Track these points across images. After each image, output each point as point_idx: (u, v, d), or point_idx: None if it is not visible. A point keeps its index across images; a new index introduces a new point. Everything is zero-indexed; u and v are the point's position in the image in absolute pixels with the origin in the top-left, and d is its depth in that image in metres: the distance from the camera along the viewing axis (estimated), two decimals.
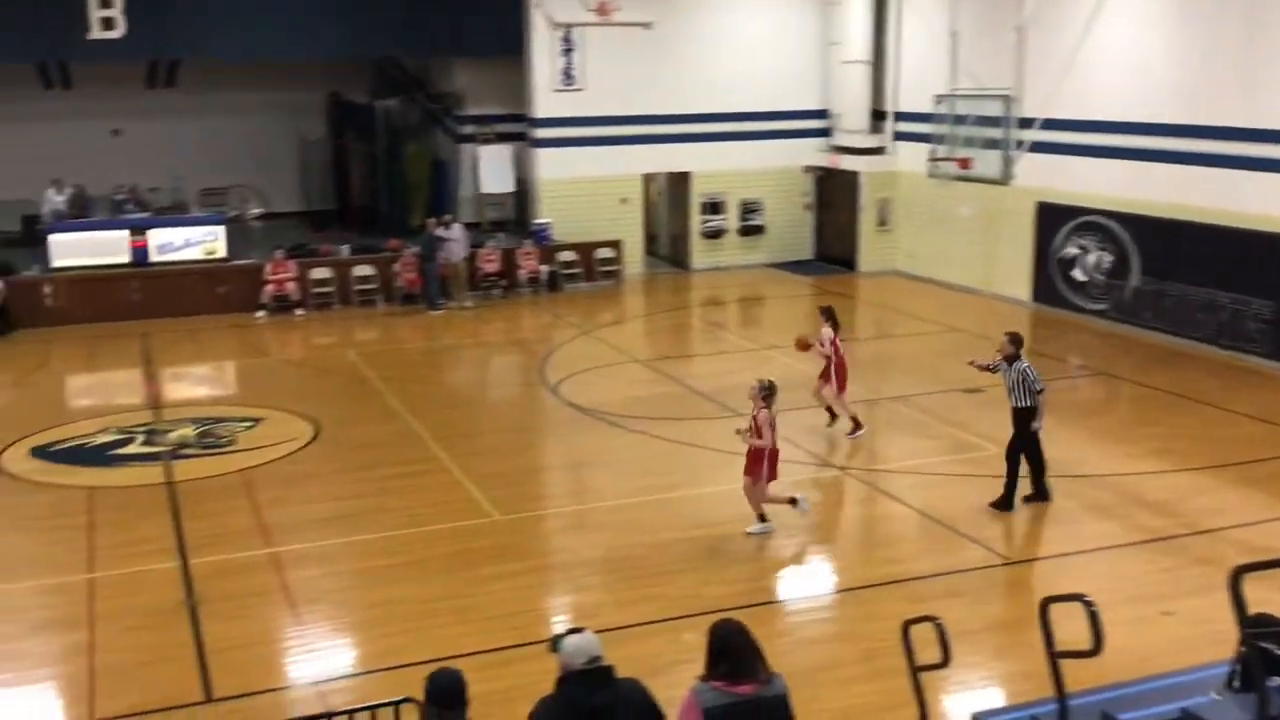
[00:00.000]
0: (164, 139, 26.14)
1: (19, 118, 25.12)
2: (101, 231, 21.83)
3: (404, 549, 10.89)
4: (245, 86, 26.25)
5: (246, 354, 19.31)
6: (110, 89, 25.59)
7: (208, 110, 26.44)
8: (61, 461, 13.57)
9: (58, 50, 22.72)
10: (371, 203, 25.95)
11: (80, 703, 8.27)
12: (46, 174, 23.62)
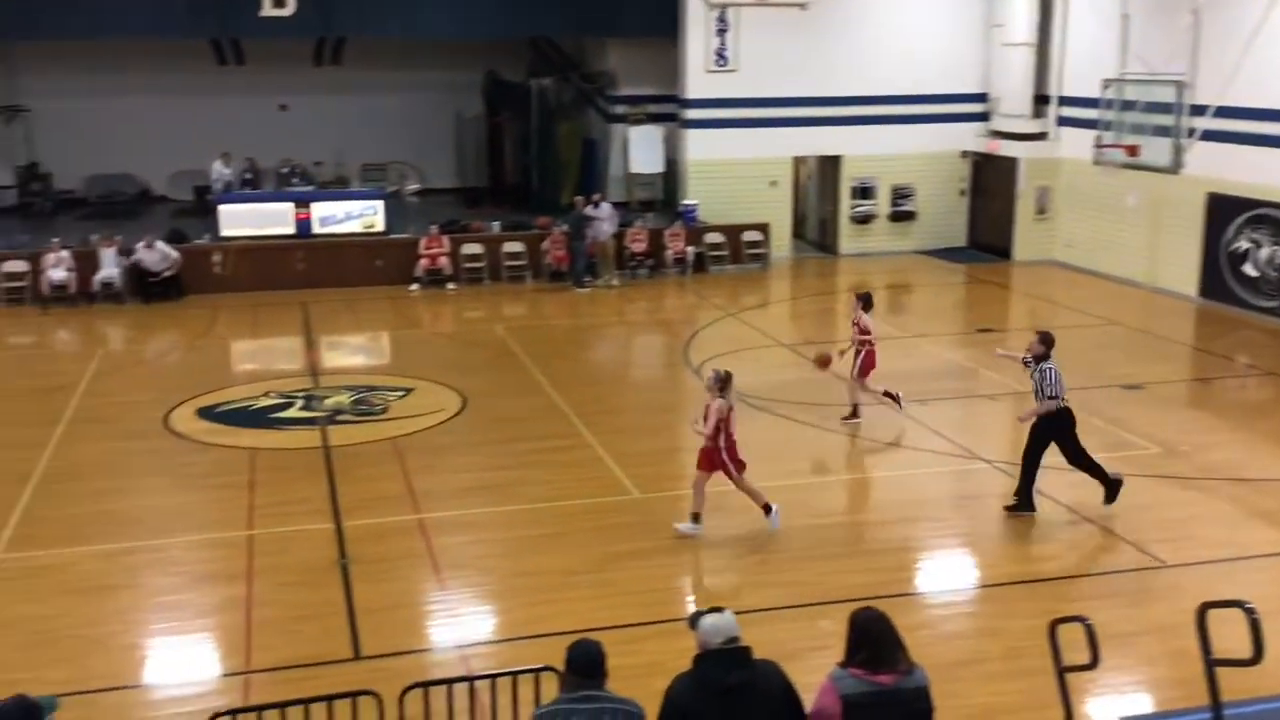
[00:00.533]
0: (328, 115, 27.00)
1: (194, 92, 26.27)
2: (268, 203, 22.73)
3: (545, 521, 11.07)
4: (407, 65, 26.92)
5: (400, 325, 19.86)
6: (279, 65, 26.56)
7: (370, 88, 27.20)
8: (226, 423, 14.19)
9: (232, 27, 23.72)
10: (523, 180, 26.34)
11: (237, 653, 8.66)
12: (219, 147, 24.67)
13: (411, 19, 23.24)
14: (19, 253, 20.76)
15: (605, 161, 26.26)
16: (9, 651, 8.59)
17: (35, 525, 11.00)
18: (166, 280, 20.70)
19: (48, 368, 17.10)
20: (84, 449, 13.21)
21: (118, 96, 25.84)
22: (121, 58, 25.16)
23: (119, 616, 9.32)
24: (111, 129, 25.82)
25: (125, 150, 26.00)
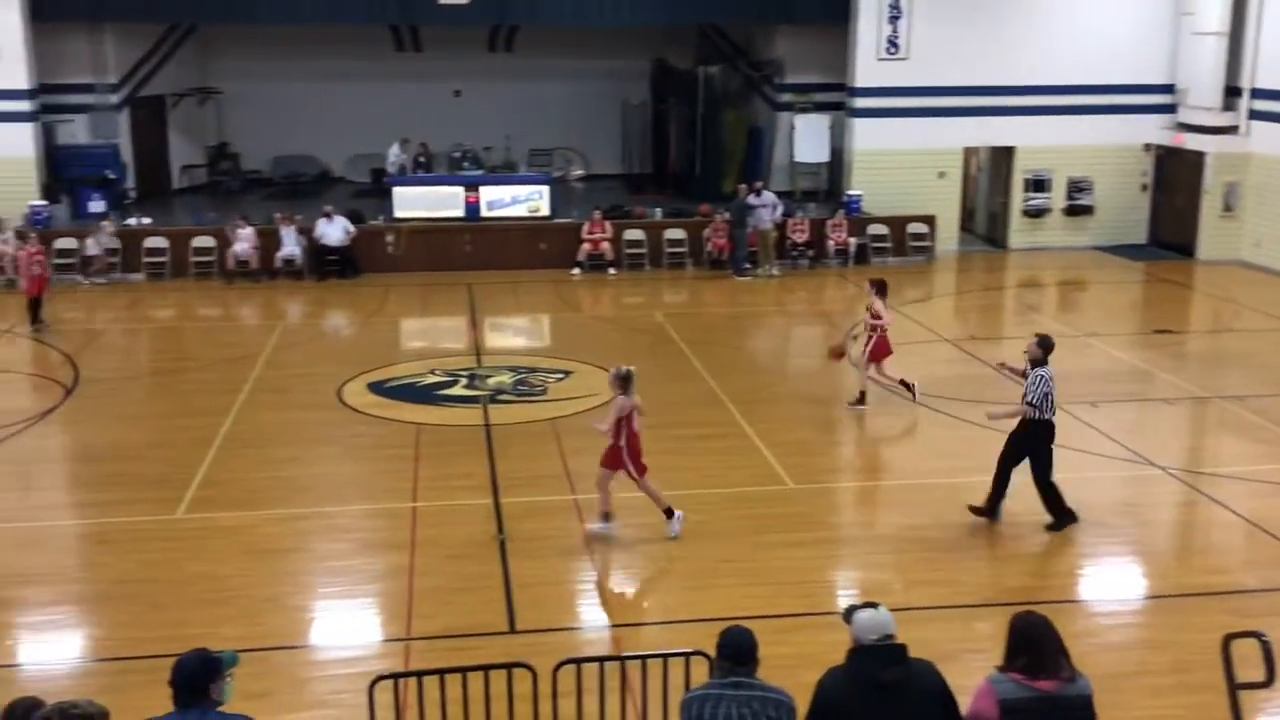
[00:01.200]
0: (499, 101, 27.56)
1: (373, 77, 27.16)
2: (439, 187, 23.37)
3: (698, 508, 11.09)
4: (576, 52, 27.26)
5: (561, 309, 20.18)
6: (454, 52, 27.23)
7: (540, 74, 27.64)
8: (394, 398, 14.68)
9: (411, 14, 24.42)
10: (687, 168, 26.38)
11: (399, 620, 8.97)
12: (395, 130, 25.45)
13: (585, 7, 23.52)
14: (208, 229, 21.86)
15: (770, 150, 26.10)
16: (189, 608, 9.09)
17: (215, 488, 11.59)
18: (342, 259, 21.51)
19: (232, 339, 17.97)
20: (263, 417, 13.86)
21: (303, 80, 26.92)
22: (307, 43, 26.19)
23: (290, 578, 9.77)
24: (296, 112, 26.92)
25: (308, 132, 27.07)
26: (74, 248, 21.09)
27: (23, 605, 9.30)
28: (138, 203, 24.13)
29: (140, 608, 9.10)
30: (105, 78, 24.13)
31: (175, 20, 25.20)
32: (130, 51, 24.73)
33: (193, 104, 26.77)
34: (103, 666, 8.36)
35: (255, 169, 27.44)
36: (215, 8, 23.12)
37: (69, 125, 23.76)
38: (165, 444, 12.89)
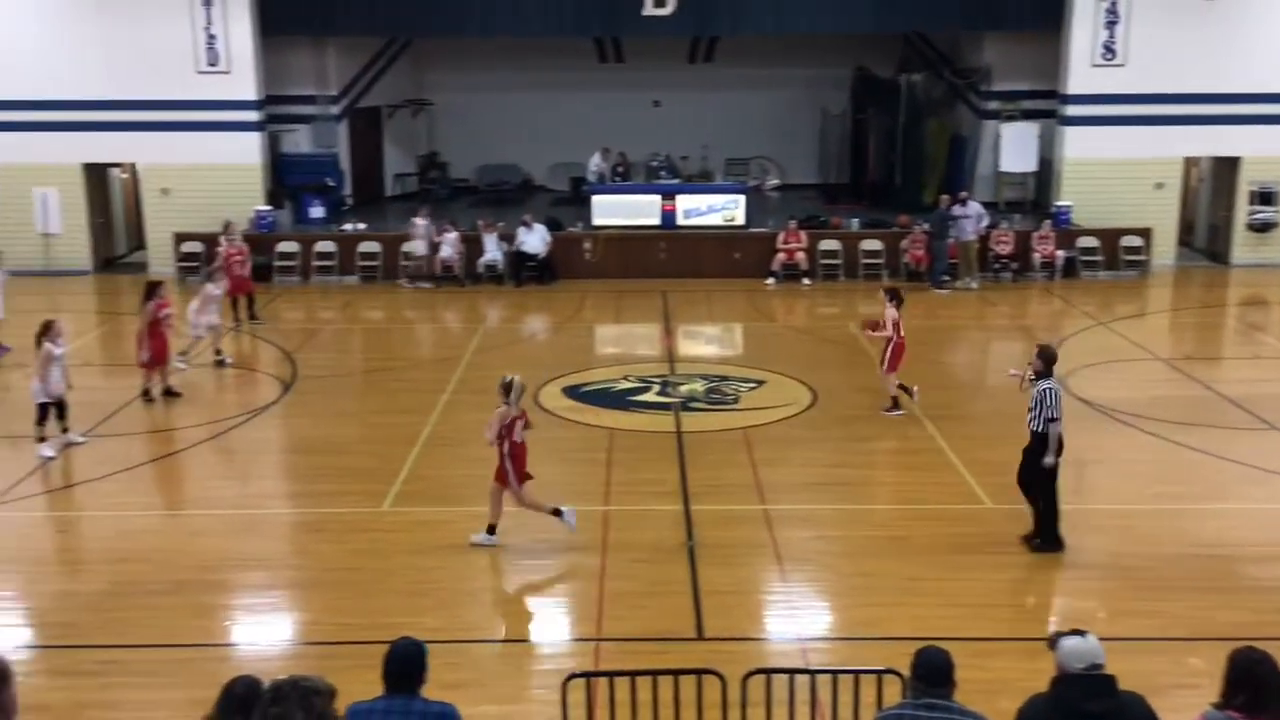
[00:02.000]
0: (697, 110, 27.74)
1: (576, 88, 27.76)
2: (637, 195, 23.69)
3: (890, 523, 10.91)
4: (776, 61, 27.19)
5: (754, 318, 20.14)
6: (655, 62, 27.55)
7: (738, 84, 27.70)
8: (588, 402, 14.95)
9: (615, 26, 24.85)
10: (886, 178, 25.97)
11: (589, 621, 9.12)
12: (594, 140, 25.95)
13: (786, 15, 23.44)
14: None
15: (973, 159, 25.42)
16: (392, 597, 9.48)
17: (419, 483, 12.05)
18: (541, 265, 22.06)
19: (437, 340, 18.66)
20: (464, 417, 14.30)
21: (508, 92, 27.75)
22: (514, 56, 26.98)
23: (487, 574, 10.07)
24: (502, 122, 27.77)
25: (512, 142, 27.89)
26: (295, 250, 22.30)
27: (240, 588, 9.87)
28: (353, 209, 25.33)
29: (348, 595, 9.54)
30: (327, 90, 25.45)
31: (393, 35, 26.36)
32: (350, 65, 26.00)
33: (406, 115, 27.94)
34: (312, 649, 8.79)
35: (462, 177, 28.43)
36: (431, 23, 24.03)
37: (293, 135, 25.15)
38: (374, 440, 13.48)
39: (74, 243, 23.06)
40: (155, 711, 7.81)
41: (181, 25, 22.30)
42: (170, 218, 22.94)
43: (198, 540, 10.71)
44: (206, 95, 22.54)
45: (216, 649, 8.83)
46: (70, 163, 22.82)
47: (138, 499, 11.99)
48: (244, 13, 22.46)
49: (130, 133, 22.54)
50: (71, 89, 22.38)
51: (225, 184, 22.79)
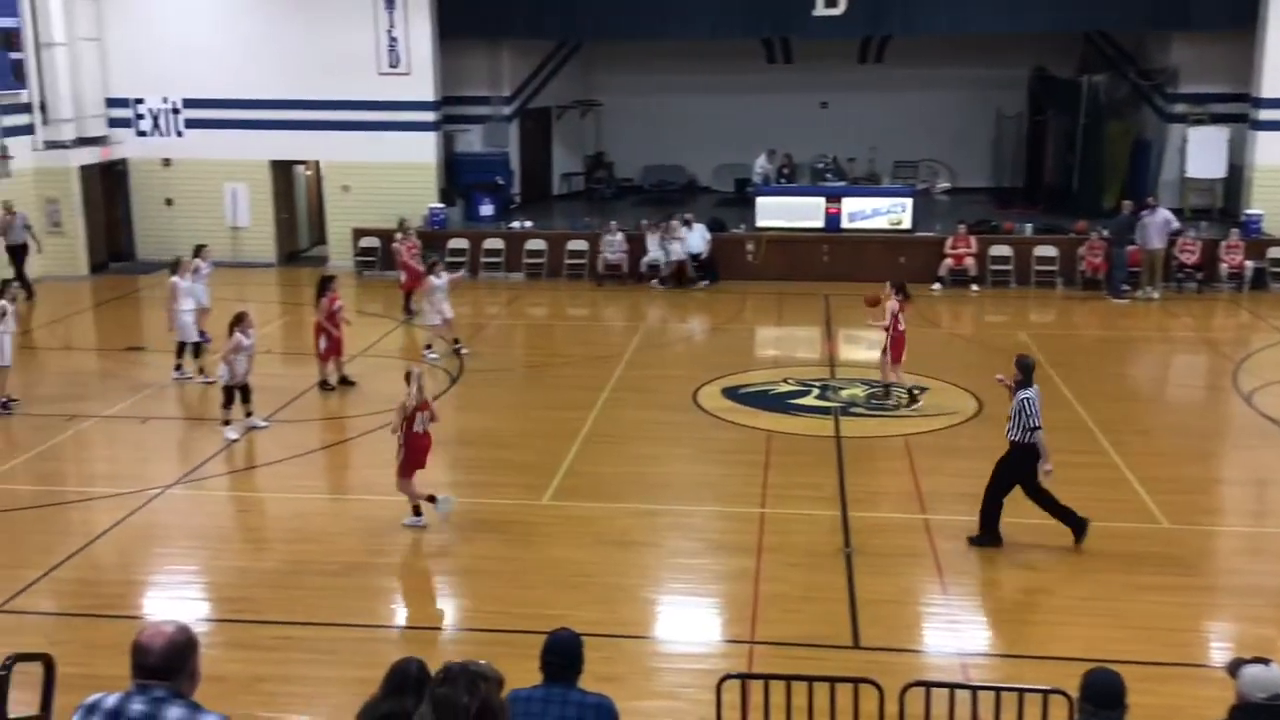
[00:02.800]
0: (865, 112, 27.34)
1: (743, 89, 27.70)
2: (802, 197, 23.51)
3: (1058, 539, 10.52)
4: (948, 62, 26.59)
5: (918, 324, 19.65)
6: (823, 64, 27.27)
7: (908, 85, 27.19)
8: (747, 404, 14.91)
9: (785, 27, 24.69)
10: (1063, 182, 25.09)
11: (742, 622, 9.09)
12: (761, 142, 25.86)
13: (962, 15, 22.92)
14: (581, 233, 23.11)
15: (1157, 164, 24.35)
16: (550, 589, 9.64)
17: (578, 479, 12.21)
18: (703, 265, 22.10)
19: (598, 338, 18.88)
20: (623, 414, 14.47)
21: (675, 93, 27.88)
22: (682, 58, 27.09)
23: (643, 571, 10.14)
24: (668, 123, 27.92)
25: (678, 143, 28.02)
26: (465, 247, 22.90)
27: (402, 572, 10.21)
28: (521, 207, 25.86)
29: (505, 584, 9.74)
30: (500, 91, 26.05)
31: (565, 38, 26.81)
32: (523, 67, 26.55)
33: (575, 116, 28.38)
34: (471, 635, 9.02)
35: (627, 177, 28.71)
36: (602, 26, 24.34)
37: (466, 135, 25.83)
38: (535, 434, 13.74)
39: (260, 236, 24.17)
40: (325, 687, 8.13)
41: (366, 28, 23.15)
42: (350, 213, 23.85)
43: (365, 524, 11.10)
44: (387, 96, 23.35)
45: (382, 630, 9.14)
46: (259, 159, 23.95)
47: (312, 482, 12.52)
48: (424, 16, 23.17)
49: (315, 131, 23.53)
50: (262, 89, 23.48)
51: (402, 182, 23.57)
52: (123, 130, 24.05)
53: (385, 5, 23.09)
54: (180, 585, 10.16)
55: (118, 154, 23.99)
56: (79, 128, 23.07)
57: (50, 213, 22.65)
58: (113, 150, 23.87)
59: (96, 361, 17.82)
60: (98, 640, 8.64)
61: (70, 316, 20.15)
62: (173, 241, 23.73)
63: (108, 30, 23.65)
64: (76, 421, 14.05)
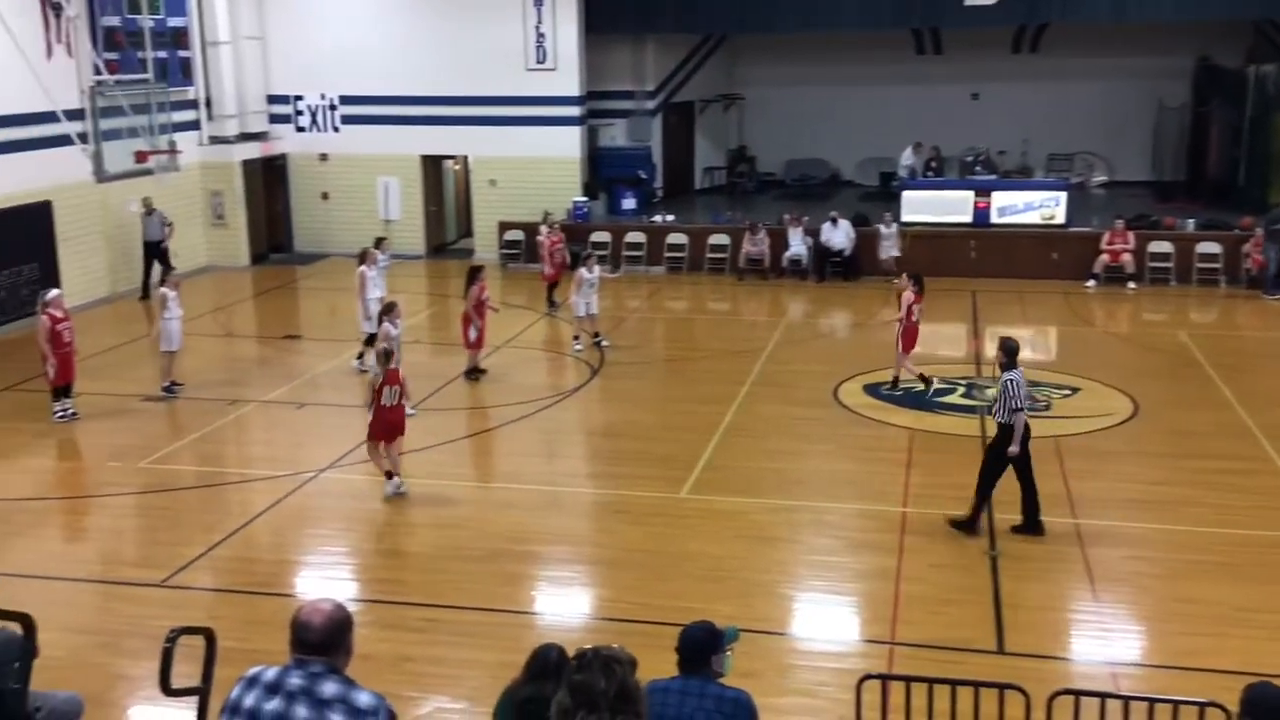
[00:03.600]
0: (1018, 103, 26.61)
1: (888, 81, 27.26)
2: (950, 191, 23.02)
3: (1214, 548, 10.12)
4: (1108, 51, 25.67)
5: (1071, 322, 19.14)
6: (975, 54, 26.63)
7: (1064, 75, 26.34)
8: (889, 401, 14.68)
9: (935, 17, 24.20)
10: (1228, 176, 23.99)
11: (882, 622, 8.97)
12: (907, 134, 25.41)
13: (1124, 3, 22.12)
14: (723, 227, 23.08)
15: None
16: (687, 582, 9.66)
17: (716, 473, 12.21)
18: (845, 261, 21.83)
19: (738, 333, 18.84)
20: (762, 409, 14.41)
21: (819, 85, 27.60)
22: (827, 50, 26.80)
23: (780, 567, 10.09)
24: (811, 116, 27.66)
25: (821, 136, 27.74)
26: (607, 240, 23.11)
27: (546, 560, 10.36)
28: (663, 201, 25.96)
29: (644, 576, 9.81)
30: (644, 85, 26.19)
31: (710, 32, 26.79)
32: (667, 61, 26.63)
33: (718, 110, 28.35)
34: (607, 625, 9.09)
35: (769, 171, 28.54)
36: (747, 19, 24.25)
37: (609, 129, 26.05)
38: (674, 426, 13.78)
39: (410, 228, 24.81)
40: (469, 670, 8.32)
41: (515, 26, 23.53)
42: (495, 207, 24.32)
43: (508, 512, 11.31)
44: (534, 91, 23.70)
45: (523, 616, 9.30)
46: (410, 154, 24.58)
47: (457, 470, 12.82)
48: (571, 13, 23.43)
49: (464, 127, 24.05)
50: (414, 86, 24.09)
51: (547, 176, 23.91)
52: (282, 126, 24.96)
53: (534, 2, 23.43)
54: (331, 565, 10.53)
55: (278, 149, 24.93)
56: (242, 124, 24.03)
57: (214, 205, 23.66)
58: (273, 146, 24.81)
59: (256, 349, 18.57)
60: (254, 616, 9.02)
61: (232, 305, 21.03)
62: (328, 234, 24.64)
63: (270, 29, 24.57)
64: (237, 406, 14.67)
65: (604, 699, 3.58)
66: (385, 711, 3.76)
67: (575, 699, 3.62)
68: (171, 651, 5.37)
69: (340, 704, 3.70)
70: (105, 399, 14.89)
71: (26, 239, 18.81)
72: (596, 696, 3.59)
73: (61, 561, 10.45)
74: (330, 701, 3.70)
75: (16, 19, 17.41)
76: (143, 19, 20.23)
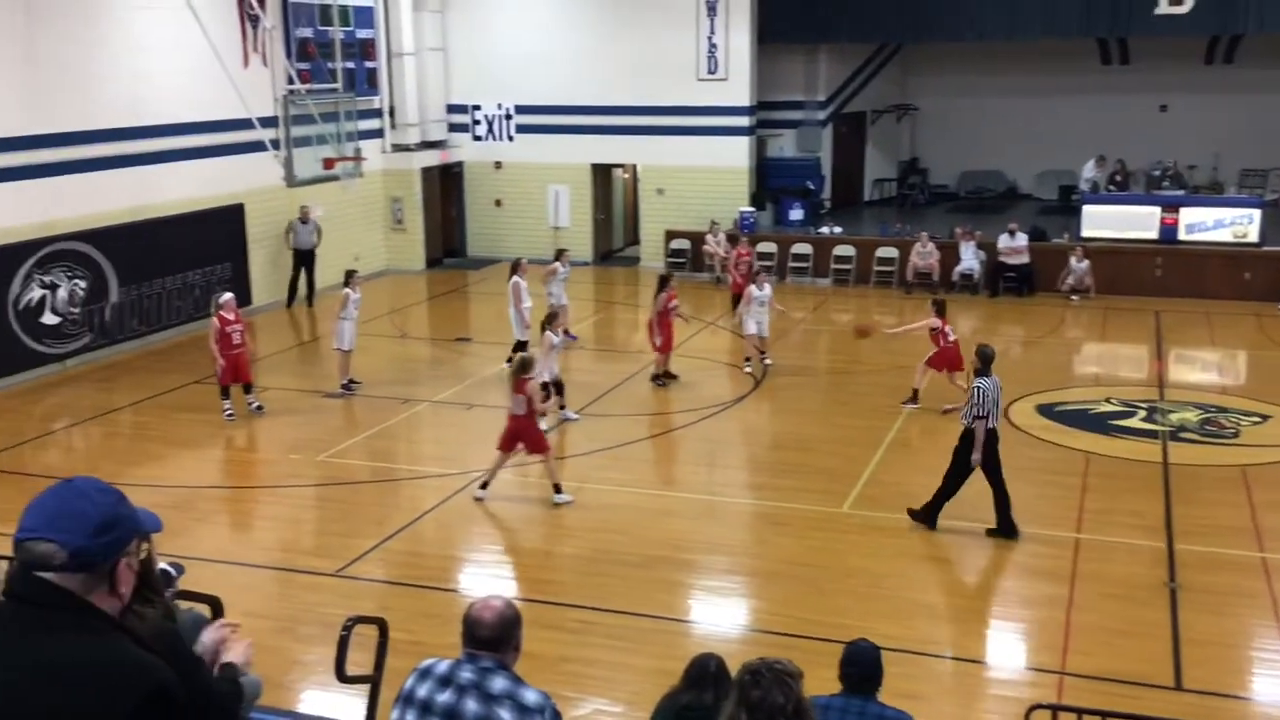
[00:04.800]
0: (1209, 116, 25.37)
1: (1071, 92, 26.34)
2: (1134, 206, 22.11)
3: None
4: None
5: (1263, 345, 18.14)
6: (1164, 64, 25.52)
7: (1260, 86, 25.00)
8: (1064, 422, 14.17)
9: (1123, 26, 23.26)
10: None
11: (1052, 651, 8.65)
12: (1089, 147, 24.53)
13: None
14: (891, 240, 22.70)
15: None
16: (847, 599, 9.52)
17: (879, 488, 12.00)
18: (1021, 276, 21.20)
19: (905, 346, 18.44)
20: (929, 425, 14.10)
21: (997, 96, 26.90)
22: (1007, 59, 26.11)
23: (945, 588, 9.86)
24: (987, 127, 26.98)
25: (997, 148, 27.02)
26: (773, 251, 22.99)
27: (703, 569, 10.35)
28: (831, 213, 25.69)
29: (803, 590, 9.71)
30: (815, 95, 25.99)
31: (888, 41, 26.41)
32: (839, 70, 26.37)
33: (890, 120, 27.92)
34: (763, 638, 9.02)
35: (942, 183, 27.95)
36: (930, 28, 23.73)
37: (778, 139, 25.94)
38: (837, 440, 13.62)
39: (579, 236, 25.18)
40: (623, 674, 8.38)
41: (688, 36, 23.65)
42: (662, 216, 24.48)
43: (667, 519, 11.35)
44: (704, 101, 23.77)
45: (678, 624, 9.32)
46: (581, 163, 24.97)
47: (618, 475, 12.92)
48: (745, 23, 23.43)
49: (634, 136, 24.29)
50: (586, 96, 24.47)
51: (714, 186, 23.95)
52: (460, 135, 25.68)
53: (708, 12, 23.51)
54: (493, 563, 10.77)
55: (455, 157, 25.66)
56: (422, 132, 24.83)
57: (394, 211, 24.50)
58: (451, 153, 25.55)
59: (428, 350, 19.13)
60: (421, 609, 9.29)
61: (407, 307, 21.73)
62: (500, 240, 25.23)
63: (451, 41, 25.33)
64: (409, 405, 15.15)
65: (783, 715, 3.54)
66: (551, 710, 3.81)
67: (754, 715, 3.58)
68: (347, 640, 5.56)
69: (508, 700, 3.77)
70: (288, 394, 15.58)
71: (220, 240, 19.84)
72: (775, 713, 3.55)
73: (243, 547, 10.98)
74: (499, 697, 3.77)
75: (218, 30, 18.38)
76: (334, 30, 21.08)
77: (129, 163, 17.95)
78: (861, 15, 23.63)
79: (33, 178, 16.40)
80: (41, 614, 2.38)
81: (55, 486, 2.56)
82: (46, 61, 16.48)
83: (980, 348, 11.10)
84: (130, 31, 17.91)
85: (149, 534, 2.81)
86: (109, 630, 2.44)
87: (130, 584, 2.55)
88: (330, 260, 21.43)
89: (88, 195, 17.20)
